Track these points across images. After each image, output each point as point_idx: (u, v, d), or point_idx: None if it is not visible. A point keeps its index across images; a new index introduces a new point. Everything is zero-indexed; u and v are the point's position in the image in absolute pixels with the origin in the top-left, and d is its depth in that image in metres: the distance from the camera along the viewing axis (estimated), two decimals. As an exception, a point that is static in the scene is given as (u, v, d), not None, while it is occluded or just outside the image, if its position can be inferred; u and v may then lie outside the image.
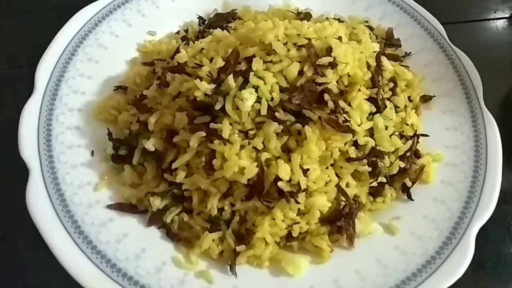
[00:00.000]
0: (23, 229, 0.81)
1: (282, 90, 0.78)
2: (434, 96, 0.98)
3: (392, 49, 1.04)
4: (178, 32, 1.05)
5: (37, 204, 0.76)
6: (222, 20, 1.00)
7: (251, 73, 0.77)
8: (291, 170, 0.74)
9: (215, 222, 0.78)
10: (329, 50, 0.80)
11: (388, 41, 1.04)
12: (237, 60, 0.77)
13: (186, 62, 0.85)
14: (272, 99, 0.76)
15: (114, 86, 0.95)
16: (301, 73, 0.79)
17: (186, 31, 1.04)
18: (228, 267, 0.75)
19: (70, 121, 0.88)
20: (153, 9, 1.07)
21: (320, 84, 0.77)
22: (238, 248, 0.75)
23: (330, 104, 0.77)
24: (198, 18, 1.06)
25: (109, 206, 0.80)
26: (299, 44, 0.81)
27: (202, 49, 0.88)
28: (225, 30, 0.92)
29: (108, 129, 0.87)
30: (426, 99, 0.97)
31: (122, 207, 0.80)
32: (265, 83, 0.77)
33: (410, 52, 1.04)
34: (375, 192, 0.85)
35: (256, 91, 0.76)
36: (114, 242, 0.75)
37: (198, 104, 0.77)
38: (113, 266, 0.73)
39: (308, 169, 0.75)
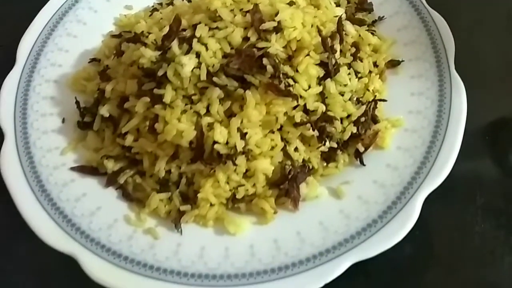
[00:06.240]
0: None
1: (226, 55, 0.80)
2: (402, 61, 0.94)
3: (363, 13, 1.01)
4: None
5: (8, 165, 0.85)
6: (191, -12, 1.02)
7: (195, 40, 0.79)
8: (229, 133, 0.76)
9: (164, 183, 0.82)
10: (274, 15, 0.80)
11: (360, 5, 1.01)
12: (179, 27, 0.80)
13: (142, 32, 0.88)
14: (213, 65, 0.78)
15: (89, 59, 1.01)
16: (247, 39, 0.80)
17: (161, 4, 1.08)
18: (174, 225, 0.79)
19: (45, 92, 0.95)
20: (132, -17, 1.11)
21: (260, 49, 0.77)
22: (182, 208, 0.79)
23: (269, 69, 0.77)
24: (174, -12, 1.09)
25: (72, 168, 0.86)
26: (246, 9, 0.81)
27: (162, 19, 0.91)
28: (185, 0, 0.94)
29: (76, 98, 0.93)
30: (393, 64, 0.94)
31: (84, 169, 0.86)
32: (207, 49, 0.79)
33: (383, 17, 1.01)
34: (328, 158, 0.85)
35: (199, 57, 0.79)
36: (73, 200, 0.82)
37: (147, 71, 0.81)
38: (68, 221, 0.79)
39: (246, 133, 0.77)
